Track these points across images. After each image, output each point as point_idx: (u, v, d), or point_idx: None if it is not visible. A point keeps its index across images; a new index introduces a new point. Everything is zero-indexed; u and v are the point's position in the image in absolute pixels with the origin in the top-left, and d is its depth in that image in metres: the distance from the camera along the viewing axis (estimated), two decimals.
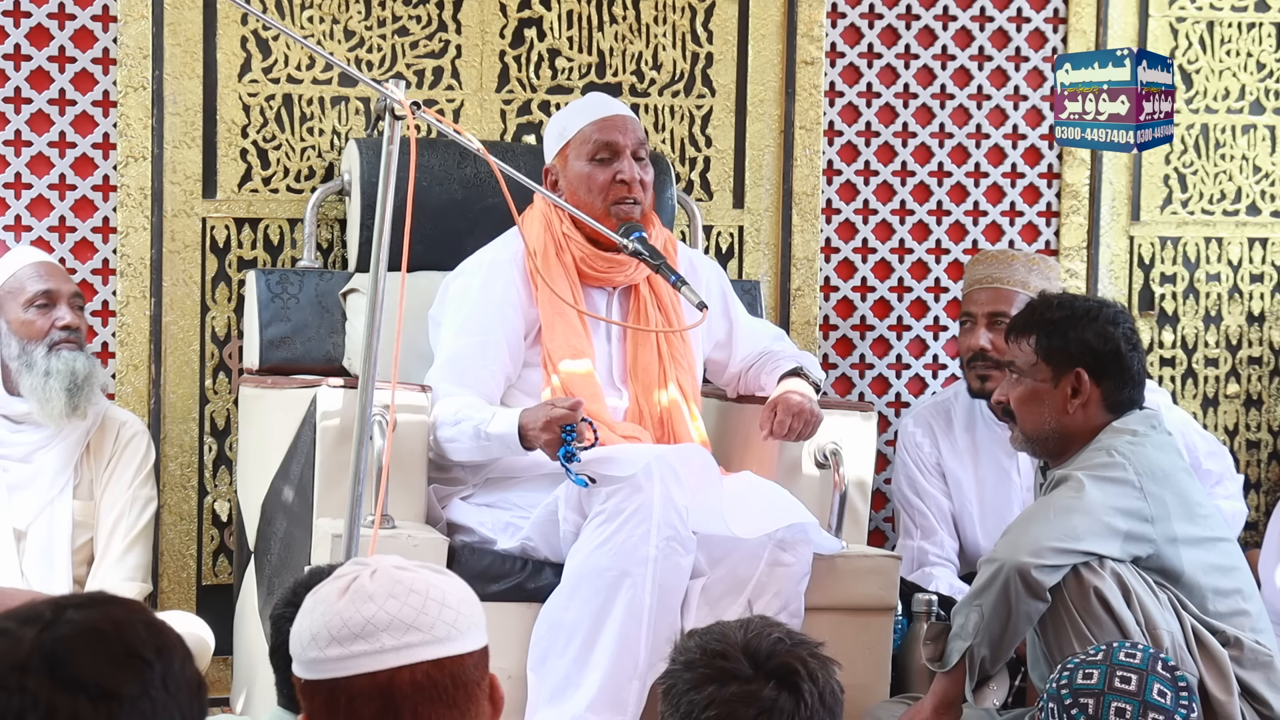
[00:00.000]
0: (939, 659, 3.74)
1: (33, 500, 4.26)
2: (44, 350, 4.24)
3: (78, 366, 4.24)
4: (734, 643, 2.29)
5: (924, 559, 4.83)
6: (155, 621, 1.70)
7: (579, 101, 4.42)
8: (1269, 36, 5.58)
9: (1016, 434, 3.90)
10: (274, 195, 4.91)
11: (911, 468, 4.91)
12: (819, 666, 2.29)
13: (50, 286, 4.28)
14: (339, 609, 2.01)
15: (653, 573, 3.80)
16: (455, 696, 2.00)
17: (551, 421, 3.83)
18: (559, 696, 3.82)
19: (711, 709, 2.24)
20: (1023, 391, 3.85)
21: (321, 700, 2.01)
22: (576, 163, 4.23)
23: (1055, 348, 3.82)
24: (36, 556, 4.24)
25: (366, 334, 3.35)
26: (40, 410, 4.23)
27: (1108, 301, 3.95)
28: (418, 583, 2.03)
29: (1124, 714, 3.29)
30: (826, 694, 2.27)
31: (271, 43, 4.88)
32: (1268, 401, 5.63)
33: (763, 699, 2.24)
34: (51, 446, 4.29)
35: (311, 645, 2.01)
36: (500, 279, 4.21)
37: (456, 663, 2.01)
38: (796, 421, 4.12)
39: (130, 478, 4.34)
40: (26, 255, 4.40)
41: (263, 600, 4.28)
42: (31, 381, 4.23)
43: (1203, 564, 3.73)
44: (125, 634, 1.66)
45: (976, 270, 4.88)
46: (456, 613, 2.03)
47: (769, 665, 2.26)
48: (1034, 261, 4.88)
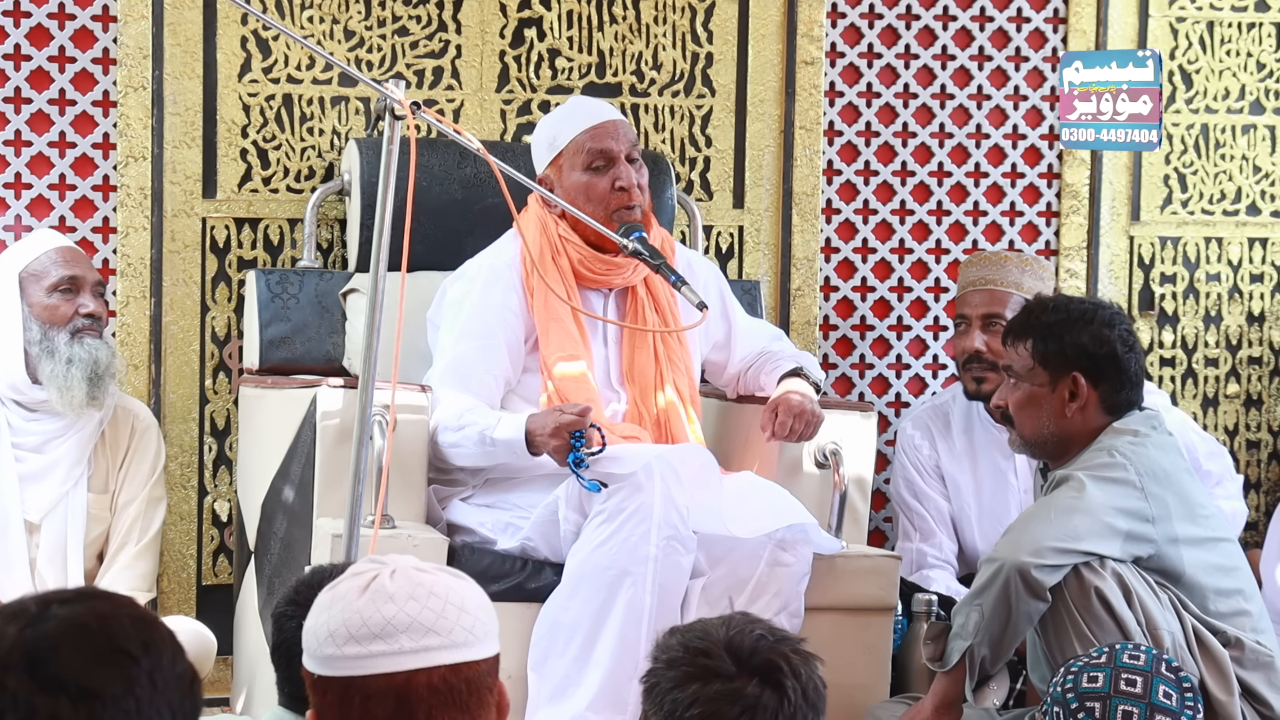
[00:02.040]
0: (939, 659, 3.74)
1: (47, 493, 4.23)
2: (66, 337, 4.19)
3: (100, 356, 4.19)
4: (716, 640, 2.28)
5: (922, 561, 4.83)
6: (144, 616, 1.68)
7: (565, 109, 4.38)
8: (1269, 36, 5.58)
9: (1014, 437, 3.90)
10: (274, 195, 4.91)
11: (910, 470, 4.91)
12: (801, 662, 2.28)
13: (75, 273, 4.25)
14: (359, 607, 2.01)
15: (653, 572, 3.80)
16: (468, 702, 2.01)
17: (560, 428, 3.83)
18: (559, 696, 3.82)
19: (695, 707, 2.23)
20: (1020, 396, 3.84)
21: (335, 697, 2.01)
22: (573, 173, 4.22)
23: (1051, 352, 3.81)
24: (50, 549, 4.22)
25: (366, 334, 3.35)
26: (59, 399, 4.18)
27: (1103, 303, 3.93)
28: (438, 586, 2.04)
29: (1131, 717, 3.29)
30: (810, 690, 2.27)
31: (271, 43, 4.88)
32: (1268, 401, 5.63)
33: (746, 696, 2.23)
34: (66, 437, 4.25)
35: (329, 642, 2.01)
36: (499, 284, 4.20)
37: (472, 668, 2.02)
38: (798, 423, 4.12)
39: (145, 476, 4.32)
40: (51, 239, 4.34)
41: (263, 600, 4.28)
42: (53, 368, 4.18)
43: (1204, 564, 3.73)
44: (111, 629, 1.65)
45: (970, 272, 4.87)
46: (474, 618, 2.03)
47: (752, 662, 2.26)
48: (1028, 263, 4.87)
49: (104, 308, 4.30)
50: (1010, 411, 3.86)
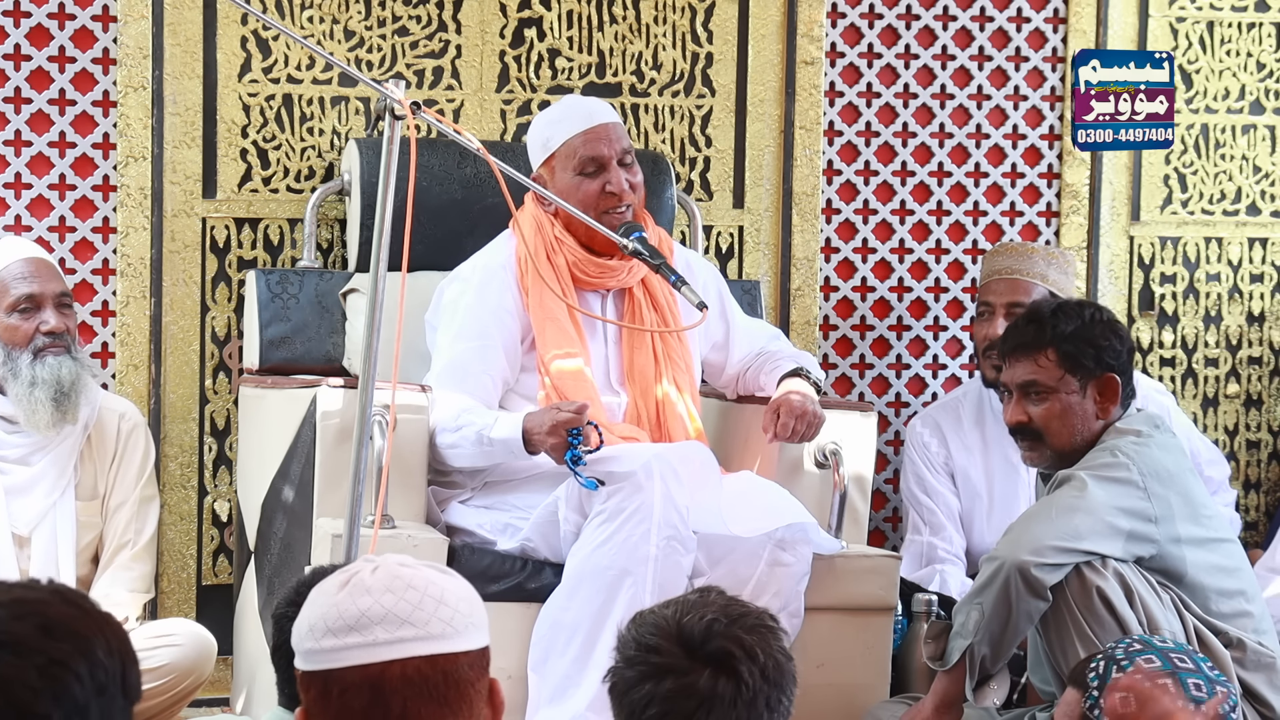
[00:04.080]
0: (940, 658, 3.74)
1: (34, 505, 4.20)
2: (29, 358, 4.14)
3: (63, 374, 4.13)
4: (668, 633, 2.22)
5: (933, 555, 4.84)
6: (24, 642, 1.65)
7: (559, 109, 4.36)
8: (1269, 36, 5.58)
9: (1037, 454, 3.85)
10: (274, 195, 4.91)
11: (920, 466, 4.93)
12: (758, 642, 2.22)
13: (34, 290, 4.18)
14: (336, 601, 2.02)
15: (653, 572, 3.80)
16: (447, 695, 2.00)
17: (558, 425, 3.83)
18: (560, 696, 3.82)
19: (652, 707, 2.20)
20: (1052, 408, 3.79)
21: (316, 691, 2.01)
22: (564, 174, 4.22)
23: (1086, 357, 3.79)
24: (42, 561, 4.18)
25: (366, 334, 3.35)
26: (26, 421, 4.15)
27: (1089, 302, 3.95)
28: (417, 579, 2.03)
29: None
30: (770, 669, 2.21)
31: (271, 43, 4.88)
32: (1268, 401, 5.63)
33: (700, 690, 2.18)
34: (50, 448, 4.22)
35: (309, 636, 2.02)
36: (495, 284, 4.20)
37: (450, 661, 2.00)
38: (800, 424, 4.12)
39: (135, 477, 4.30)
40: (12, 251, 4.26)
41: (263, 600, 4.27)
42: (17, 390, 4.14)
43: (1206, 564, 3.73)
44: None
45: (995, 261, 4.90)
46: (454, 611, 2.02)
47: (704, 651, 2.20)
48: (1053, 255, 4.91)
49: (69, 320, 4.22)
50: (1038, 425, 3.81)
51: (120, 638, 1.70)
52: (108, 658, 1.68)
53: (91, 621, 1.69)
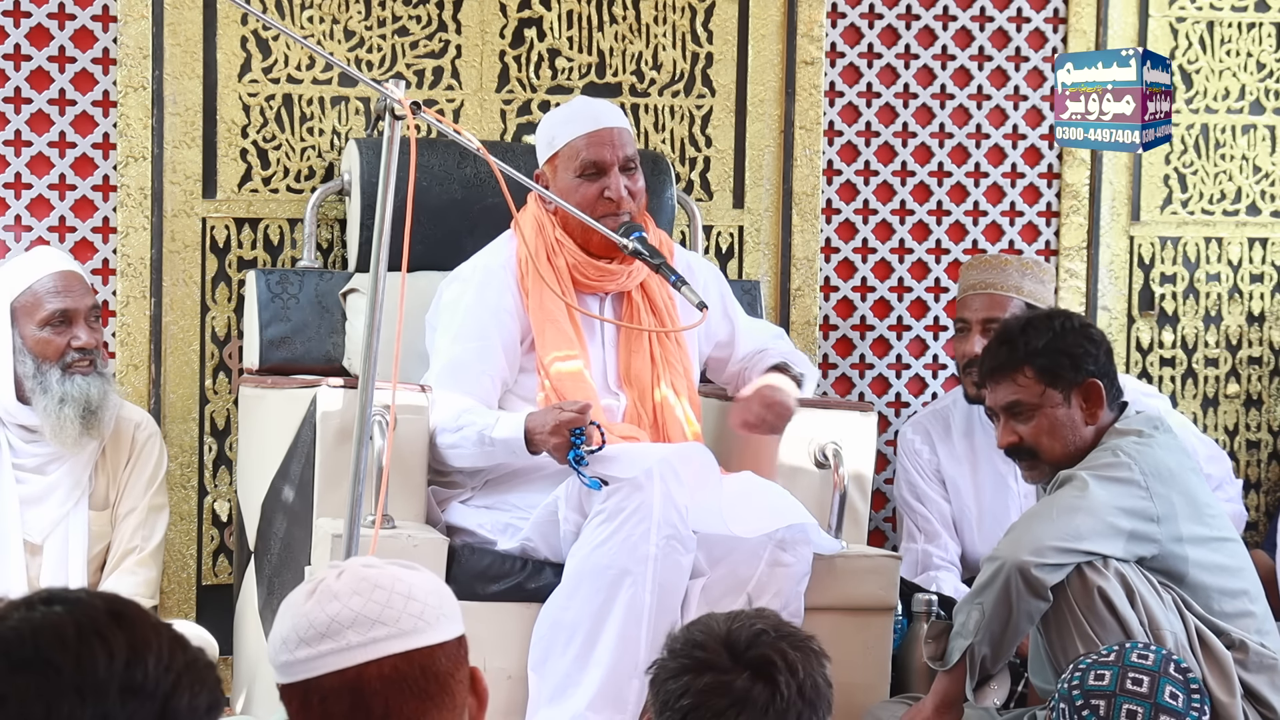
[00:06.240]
0: (940, 657, 3.74)
1: (48, 513, 4.20)
2: (58, 374, 4.14)
3: (92, 394, 4.15)
4: (716, 634, 2.30)
5: (929, 562, 4.84)
6: (97, 627, 1.62)
7: (569, 108, 4.37)
8: (1269, 36, 5.58)
9: (1042, 469, 3.83)
10: (274, 195, 4.91)
11: (912, 473, 4.92)
12: (801, 659, 2.29)
13: (67, 305, 4.18)
14: (305, 610, 2.02)
15: (653, 571, 3.80)
16: (427, 688, 2.00)
17: (560, 425, 3.83)
18: (560, 695, 3.82)
19: (686, 698, 2.25)
20: (1040, 425, 3.79)
21: (297, 703, 2.02)
22: (565, 175, 4.22)
23: (1063, 368, 3.79)
24: (53, 569, 4.18)
25: (366, 334, 3.35)
26: (53, 435, 4.16)
27: (1057, 310, 3.97)
28: (383, 578, 2.03)
29: (1135, 716, 3.28)
30: (807, 687, 2.27)
31: (271, 43, 4.88)
32: (1268, 401, 5.63)
33: (735, 689, 2.24)
34: (66, 458, 4.22)
35: (282, 649, 2.03)
36: (494, 284, 4.20)
37: (425, 654, 2.00)
38: (769, 413, 4.11)
39: (146, 485, 4.30)
40: (45, 264, 4.25)
41: (263, 600, 4.28)
42: (46, 404, 4.14)
43: (1209, 564, 3.72)
44: (43, 638, 1.60)
45: (970, 275, 4.86)
46: (423, 605, 2.02)
47: (747, 656, 2.27)
48: (1028, 266, 4.86)
49: (99, 335, 4.24)
50: (1030, 443, 3.81)
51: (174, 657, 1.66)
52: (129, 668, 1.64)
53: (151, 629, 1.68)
